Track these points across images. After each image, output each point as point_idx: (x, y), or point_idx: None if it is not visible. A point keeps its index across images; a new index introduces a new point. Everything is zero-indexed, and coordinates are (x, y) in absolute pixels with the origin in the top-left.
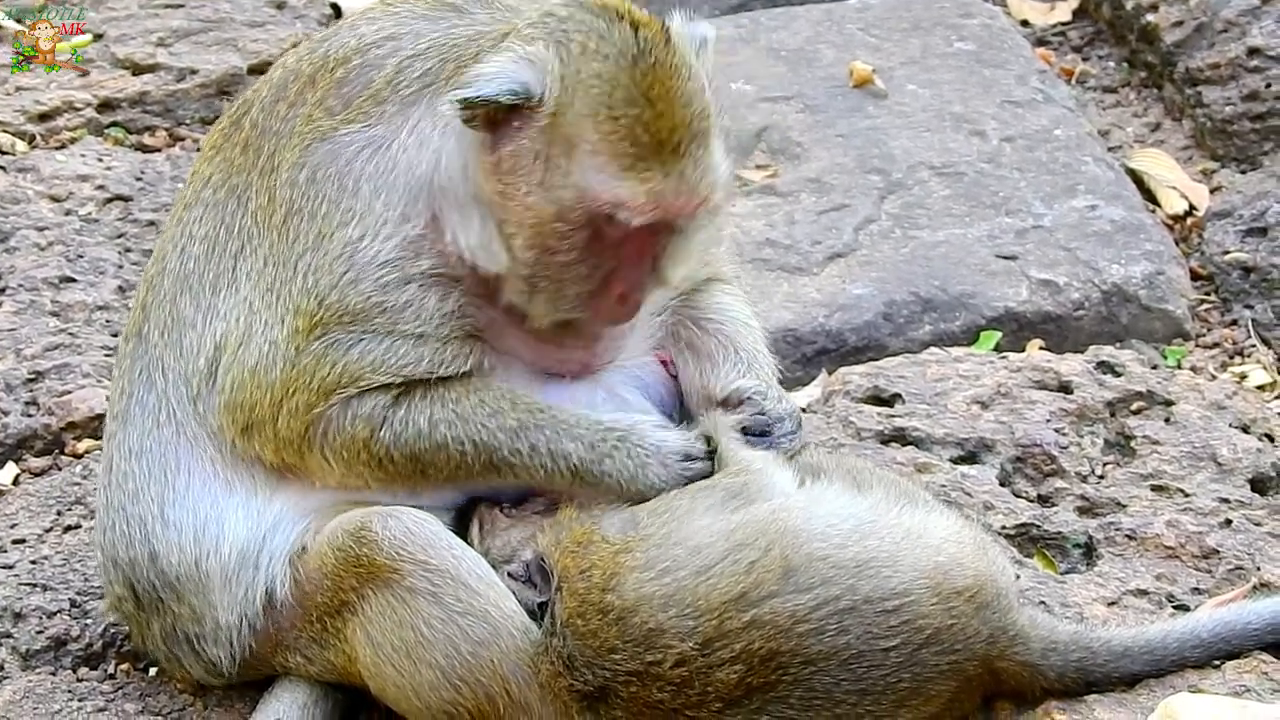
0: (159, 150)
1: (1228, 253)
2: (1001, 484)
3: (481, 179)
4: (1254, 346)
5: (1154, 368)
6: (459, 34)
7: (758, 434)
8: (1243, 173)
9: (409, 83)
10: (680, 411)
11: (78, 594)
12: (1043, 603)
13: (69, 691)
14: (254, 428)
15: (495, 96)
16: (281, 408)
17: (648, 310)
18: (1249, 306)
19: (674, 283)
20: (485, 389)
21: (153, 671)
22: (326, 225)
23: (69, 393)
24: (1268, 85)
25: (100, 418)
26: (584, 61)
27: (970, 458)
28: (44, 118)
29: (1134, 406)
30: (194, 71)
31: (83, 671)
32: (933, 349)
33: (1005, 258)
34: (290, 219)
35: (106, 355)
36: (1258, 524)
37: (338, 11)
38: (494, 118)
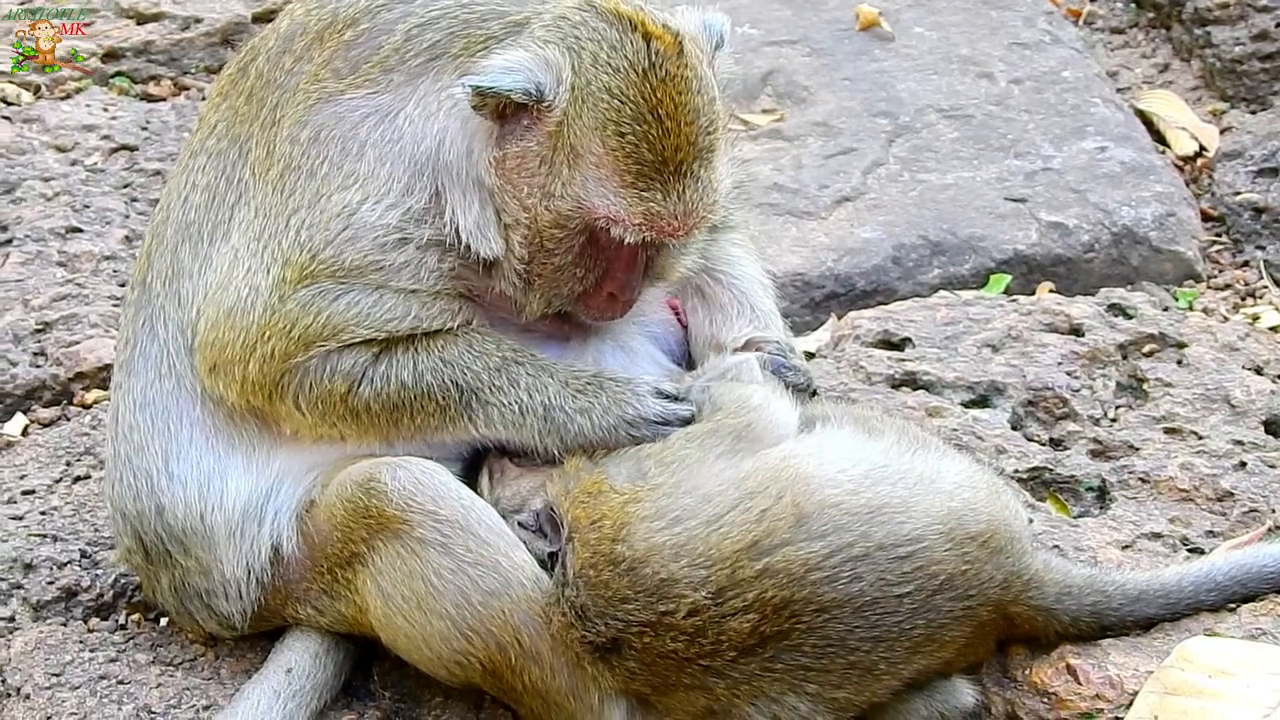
0: (164, 100)
1: (1238, 193)
2: (1013, 428)
3: (484, 170)
4: (1266, 288)
5: (1165, 310)
6: (471, 8)
7: (772, 370)
8: (1253, 113)
9: (417, 53)
10: (687, 360)
11: (88, 545)
12: (1056, 547)
13: (80, 642)
14: (221, 368)
15: (509, 91)
16: (254, 351)
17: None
18: (1260, 247)
19: (670, 281)
20: (471, 334)
21: (163, 621)
22: (326, 186)
23: (77, 343)
24: (1277, 24)
25: (108, 368)
26: (595, 72)
27: (981, 401)
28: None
29: (1146, 349)
30: (198, 20)
31: (94, 622)
32: (942, 292)
33: (1014, 200)
34: (287, 175)
35: (114, 305)
36: (1272, 466)
37: None
38: (503, 111)
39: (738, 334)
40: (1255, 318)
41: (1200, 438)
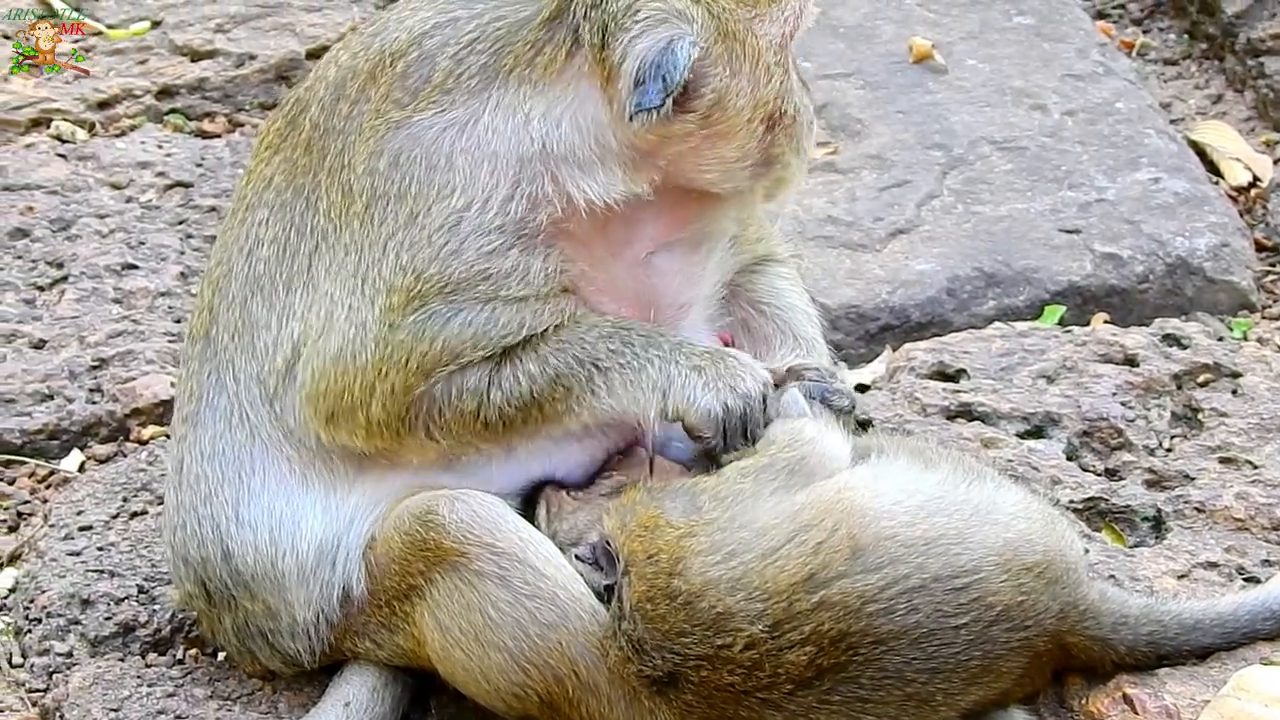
0: (219, 136)
1: None
2: (1068, 458)
3: (635, 145)
4: None
5: (1220, 340)
6: (503, 21)
7: (817, 397)
8: None
9: (470, 74)
10: None
11: (145, 580)
12: (1112, 577)
13: (138, 677)
14: (340, 415)
15: (684, 71)
16: (374, 391)
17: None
18: None
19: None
20: (575, 317)
21: (221, 656)
22: (419, 203)
23: (133, 379)
24: None
25: (164, 404)
26: None
27: (1037, 432)
28: (103, 105)
29: (1201, 379)
30: (252, 57)
31: (151, 657)
32: (997, 324)
33: (1068, 231)
34: (373, 205)
35: (170, 341)
36: None
37: None
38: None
39: (779, 364)
40: None
41: (1255, 467)
